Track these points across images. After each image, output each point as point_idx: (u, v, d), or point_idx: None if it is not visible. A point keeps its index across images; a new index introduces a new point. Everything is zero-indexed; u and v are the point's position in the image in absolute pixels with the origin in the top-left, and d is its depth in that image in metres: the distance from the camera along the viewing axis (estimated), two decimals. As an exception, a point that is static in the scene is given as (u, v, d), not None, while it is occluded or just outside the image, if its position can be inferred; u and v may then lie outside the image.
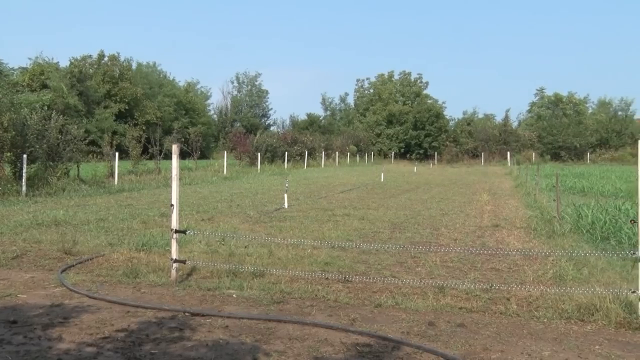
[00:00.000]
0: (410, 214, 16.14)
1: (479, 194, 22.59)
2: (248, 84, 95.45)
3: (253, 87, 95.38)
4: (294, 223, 13.97)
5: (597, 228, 12.43)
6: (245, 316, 6.44)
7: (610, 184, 25.37)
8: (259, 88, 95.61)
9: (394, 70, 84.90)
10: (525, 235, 12.45)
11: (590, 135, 70.53)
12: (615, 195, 21.13)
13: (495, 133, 73.00)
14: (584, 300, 6.69)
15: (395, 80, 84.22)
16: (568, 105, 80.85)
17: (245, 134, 53.32)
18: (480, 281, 8.09)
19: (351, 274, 8.39)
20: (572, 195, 21.44)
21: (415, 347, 5.46)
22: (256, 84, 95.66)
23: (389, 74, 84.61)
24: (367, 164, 63.44)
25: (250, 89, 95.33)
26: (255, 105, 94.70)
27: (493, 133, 72.94)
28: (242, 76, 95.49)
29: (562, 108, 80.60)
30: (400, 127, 75.11)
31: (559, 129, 70.98)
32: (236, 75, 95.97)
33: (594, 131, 71.46)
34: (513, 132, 74.29)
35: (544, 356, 5.32)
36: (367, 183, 30.30)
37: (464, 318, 6.48)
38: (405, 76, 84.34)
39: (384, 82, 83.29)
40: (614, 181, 27.36)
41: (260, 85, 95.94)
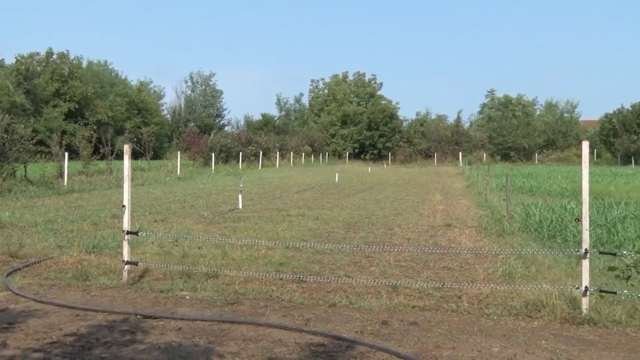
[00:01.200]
0: (365, 214, 16.26)
1: (431, 194, 22.93)
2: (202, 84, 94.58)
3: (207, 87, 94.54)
4: (248, 223, 13.91)
5: (544, 227, 12.78)
6: (198, 318, 6.38)
7: (556, 184, 26.12)
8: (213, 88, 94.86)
9: (348, 71, 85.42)
10: (476, 234, 12.69)
11: (538, 137, 72.35)
12: (562, 194, 21.77)
13: (448, 134, 74.16)
14: (531, 297, 6.88)
15: (349, 81, 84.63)
16: (517, 107, 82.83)
17: (199, 134, 52.83)
18: (432, 280, 8.21)
19: (305, 274, 8.40)
20: (521, 195, 21.97)
21: (369, 346, 5.51)
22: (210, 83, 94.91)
23: (344, 74, 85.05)
24: (321, 164, 63.60)
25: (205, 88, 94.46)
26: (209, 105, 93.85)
27: (445, 134, 74.08)
28: (196, 76, 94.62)
29: (511, 110, 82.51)
30: (354, 128, 75.53)
31: (509, 130, 72.61)
32: (190, 75, 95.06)
33: (541, 132, 73.34)
34: (465, 132, 75.61)
35: (493, 352, 5.44)
36: (322, 183, 30.39)
37: (416, 316, 6.57)
38: (360, 77, 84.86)
39: (339, 83, 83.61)
40: (560, 181, 28.17)
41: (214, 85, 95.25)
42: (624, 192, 21.85)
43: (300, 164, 60.13)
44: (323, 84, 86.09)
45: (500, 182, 23.84)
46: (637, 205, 16.33)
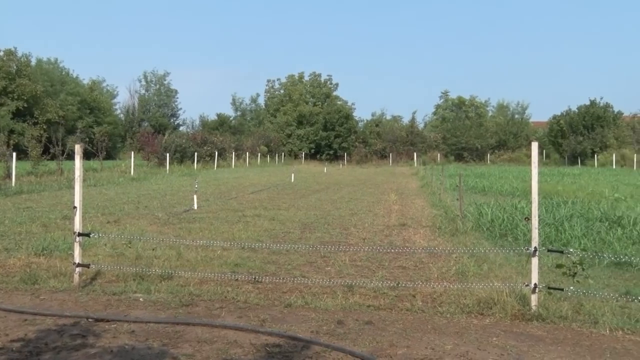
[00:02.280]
0: (321, 214, 16.31)
1: (387, 194, 23.15)
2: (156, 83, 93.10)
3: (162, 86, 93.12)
4: (203, 224, 13.79)
5: (496, 226, 13.07)
6: (152, 320, 6.29)
7: (508, 184, 26.71)
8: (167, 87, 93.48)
9: (304, 72, 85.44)
10: (430, 233, 12.88)
11: (490, 137, 73.76)
12: (513, 194, 22.27)
13: (403, 134, 74.92)
14: (483, 295, 7.02)
15: (305, 82, 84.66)
16: (470, 108, 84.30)
17: (153, 134, 52.05)
18: (387, 279, 8.30)
19: (261, 275, 8.39)
20: (474, 195, 22.39)
21: (325, 346, 5.54)
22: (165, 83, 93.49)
23: (300, 75, 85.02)
24: (277, 164, 63.46)
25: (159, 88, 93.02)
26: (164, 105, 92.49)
27: (400, 134, 74.83)
28: (150, 75, 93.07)
29: (464, 111, 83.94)
30: (310, 128, 75.60)
31: (462, 130, 73.81)
32: (144, 74, 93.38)
33: (493, 133, 74.78)
34: (419, 133, 76.53)
35: (446, 350, 5.54)
36: (278, 184, 30.34)
37: (371, 315, 6.63)
38: (316, 77, 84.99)
39: (295, 83, 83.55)
40: (511, 181, 28.81)
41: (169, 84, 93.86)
42: (571, 191, 22.49)
43: (256, 164, 59.87)
44: (279, 84, 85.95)
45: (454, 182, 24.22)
46: (583, 204, 16.84)
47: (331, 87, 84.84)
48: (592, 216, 14.09)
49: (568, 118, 67.21)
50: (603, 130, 63.83)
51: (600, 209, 15.59)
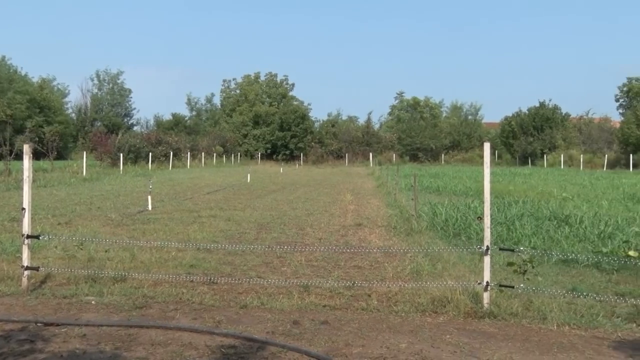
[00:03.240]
0: (277, 215, 16.28)
1: (343, 194, 23.25)
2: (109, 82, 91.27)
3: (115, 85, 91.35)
4: (158, 225, 13.60)
5: (449, 225, 13.28)
6: (104, 323, 6.18)
7: (461, 184, 27.18)
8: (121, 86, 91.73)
9: (260, 72, 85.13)
10: (386, 233, 13.00)
11: (444, 138, 74.92)
12: (466, 194, 22.67)
13: (359, 135, 75.39)
14: (437, 293, 7.13)
15: (261, 82, 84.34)
16: (425, 109, 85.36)
17: (106, 134, 51.13)
18: (343, 279, 8.35)
19: (217, 276, 8.33)
20: (429, 195, 22.69)
21: (280, 346, 5.54)
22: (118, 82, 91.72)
23: (255, 75, 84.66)
24: (233, 164, 63.04)
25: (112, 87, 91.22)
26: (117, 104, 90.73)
27: (356, 135, 75.28)
28: (103, 74, 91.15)
29: (419, 111, 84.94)
30: (266, 128, 75.39)
31: (417, 131, 74.71)
32: (96, 73, 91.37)
33: (447, 134, 75.99)
34: (375, 133, 77.13)
35: (401, 348, 5.61)
36: (234, 184, 30.14)
37: (327, 315, 6.66)
38: (272, 77, 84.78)
39: (250, 83, 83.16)
40: (464, 181, 29.33)
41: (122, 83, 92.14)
42: (521, 191, 23.05)
43: (212, 164, 59.37)
44: (235, 84, 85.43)
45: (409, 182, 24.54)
46: (533, 204, 17.27)
47: (287, 87, 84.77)
48: (541, 215, 14.46)
49: (519, 119, 68.79)
50: (552, 131, 65.58)
51: (549, 208, 16.01)
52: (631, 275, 8.64)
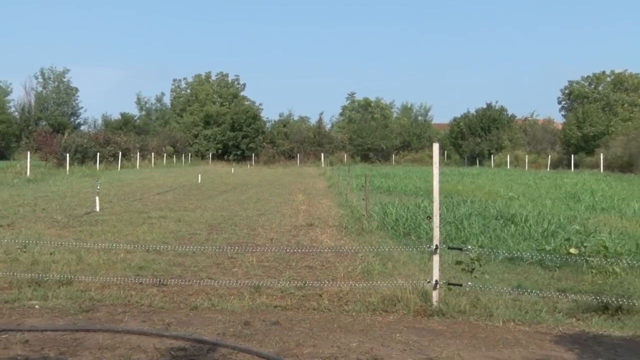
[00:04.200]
0: (228, 215, 16.17)
1: (294, 194, 23.27)
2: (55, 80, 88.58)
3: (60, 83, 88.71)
4: (106, 227, 13.32)
5: (400, 225, 13.45)
6: (49, 328, 6.02)
7: (412, 184, 27.55)
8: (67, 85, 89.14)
9: (211, 71, 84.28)
10: (337, 233, 13.07)
11: (395, 138, 75.72)
12: (416, 193, 23.00)
13: (310, 135, 75.53)
14: (387, 293, 7.22)
15: (212, 81, 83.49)
16: (376, 110, 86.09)
17: (52, 134, 49.73)
18: (294, 279, 8.36)
19: (167, 277, 8.23)
20: (380, 195, 22.91)
21: (231, 348, 5.51)
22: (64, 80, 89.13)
23: (206, 74, 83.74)
24: (184, 165, 62.26)
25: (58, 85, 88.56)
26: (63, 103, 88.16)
27: (308, 135, 75.41)
28: (48, 72, 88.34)
29: (370, 112, 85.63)
30: (217, 128, 74.74)
31: (368, 131, 75.27)
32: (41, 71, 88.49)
33: (398, 134, 76.82)
34: (326, 134, 77.39)
35: (351, 347, 5.66)
36: (184, 184, 29.78)
37: (278, 316, 6.66)
38: (223, 77, 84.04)
39: (201, 83, 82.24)
40: (415, 181, 29.73)
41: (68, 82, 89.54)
42: (470, 190, 23.52)
43: (162, 164, 58.47)
44: (185, 83, 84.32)
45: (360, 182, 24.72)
46: (481, 203, 17.66)
47: (238, 87, 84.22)
48: (488, 214, 14.80)
49: (467, 120, 70.14)
50: (498, 132, 67.13)
51: (496, 207, 16.40)
52: (572, 271, 8.94)
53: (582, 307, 6.98)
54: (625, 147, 44.50)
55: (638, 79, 68.68)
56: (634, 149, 42.17)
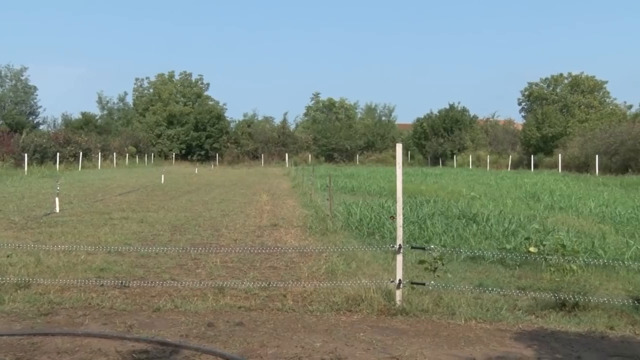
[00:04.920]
0: (191, 216, 16.04)
1: (258, 195, 23.20)
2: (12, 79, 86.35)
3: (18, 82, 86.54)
4: (66, 228, 13.08)
5: (364, 224, 13.52)
6: (5, 332, 5.88)
7: (375, 184, 27.71)
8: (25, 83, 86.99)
9: (174, 71, 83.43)
10: (301, 233, 13.08)
11: (359, 139, 76.13)
12: (380, 193, 23.15)
13: (275, 135, 75.45)
14: (351, 292, 7.25)
15: (175, 81, 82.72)
16: (340, 110, 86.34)
17: (9, 133, 48.53)
18: (259, 280, 8.34)
19: (128, 279, 8.12)
20: (344, 195, 23.01)
21: (194, 349, 5.47)
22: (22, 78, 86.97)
23: (169, 74, 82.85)
24: (147, 165, 61.51)
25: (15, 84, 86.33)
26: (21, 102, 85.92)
27: (272, 135, 75.30)
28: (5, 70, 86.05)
29: (335, 112, 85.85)
30: (181, 128, 74.04)
31: (332, 132, 75.55)
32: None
33: (362, 135, 77.26)
34: (291, 134, 77.40)
35: (315, 347, 5.67)
36: (147, 185, 29.41)
37: (242, 317, 6.64)
38: (186, 77, 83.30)
39: (164, 82, 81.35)
40: (379, 181, 29.91)
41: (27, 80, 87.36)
42: (433, 190, 23.77)
43: (124, 165, 57.67)
44: (148, 83, 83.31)
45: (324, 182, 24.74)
46: (444, 203, 17.87)
47: (202, 87, 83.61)
48: (451, 214, 14.99)
49: (430, 121, 70.96)
50: (461, 132, 68.12)
51: (458, 207, 16.62)
52: (531, 270, 9.11)
53: (540, 304, 7.14)
54: (581, 147, 45.57)
55: (594, 81, 70.42)
56: (590, 150, 43.21)
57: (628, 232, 12.30)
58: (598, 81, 70.77)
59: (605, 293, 7.43)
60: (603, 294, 7.28)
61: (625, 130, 42.15)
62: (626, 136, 40.80)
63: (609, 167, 40.07)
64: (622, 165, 39.33)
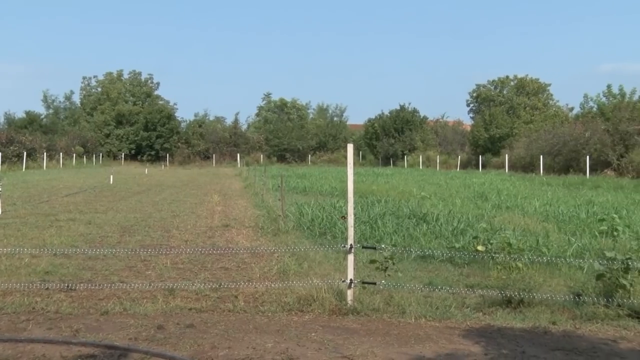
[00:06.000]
0: (141, 217, 15.77)
1: (210, 195, 22.98)
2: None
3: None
4: (9, 230, 12.67)
5: (316, 225, 13.55)
6: (-55, 339, 5.66)
7: (327, 184, 27.81)
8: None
9: (123, 69, 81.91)
10: (253, 233, 13.03)
11: (311, 139, 76.33)
12: (332, 194, 23.24)
13: (226, 135, 74.93)
14: (303, 292, 7.27)
15: (124, 80, 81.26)
16: (292, 110, 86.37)
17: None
18: (210, 281, 8.27)
19: (75, 282, 7.93)
20: (296, 195, 23.01)
21: (144, 353, 5.39)
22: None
23: (118, 72, 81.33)
24: (95, 165, 60.20)
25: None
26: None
27: (224, 135, 74.77)
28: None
29: (287, 112, 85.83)
30: (130, 128, 72.75)
31: (284, 132, 75.53)
32: None
33: (314, 135, 77.49)
34: (242, 134, 77.03)
35: (267, 348, 5.66)
36: (95, 186, 28.76)
37: (193, 318, 6.57)
38: (135, 76, 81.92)
39: (113, 81, 79.78)
40: (330, 181, 30.03)
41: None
42: (384, 190, 24.00)
43: (72, 165, 56.30)
44: (96, 81, 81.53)
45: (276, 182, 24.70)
46: (395, 203, 18.08)
47: (152, 86, 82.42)
48: (402, 214, 15.17)
49: (381, 121, 71.66)
50: (411, 133, 69.02)
51: (409, 206, 16.83)
52: (479, 268, 9.31)
53: (488, 301, 7.30)
54: (527, 148, 46.80)
55: (538, 83, 72.48)
56: (534, 150, 44.43)
57: (570, 230, 12.71)
58: (542, 83, 72.93)
59: (548, 289, 7.66)
60: (546, 290, 7.51)
61: (568, 132, 43.50)
62: (568, 137, 42.11)
63: (552, 167, 41.29)
64: (565, 165, 40.59)
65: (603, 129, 40.32)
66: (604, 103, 50.63)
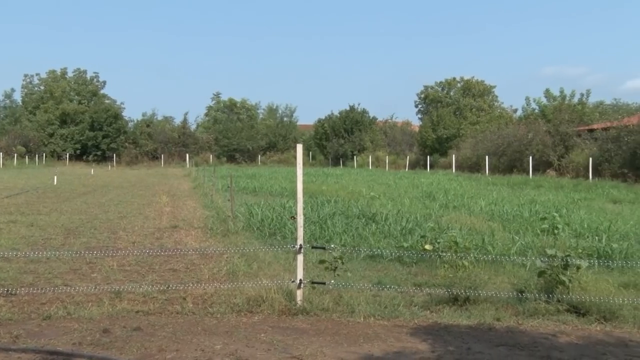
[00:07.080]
0: (87, 218, 15.41)
1: (158, 196, 22.61)
2: None
3: None
4: (-56, 234, 12.19)
5: (265, 225, 13.51)
6: None
7: (277, 184, 27.76)
8: None
9: (67, 67, 79.77)
10: (202, 234, 12.90)
11: (261, 139, 75.98)
12: (282, 194, 23.21)
13: (175, 135, 73.92)
14: (252, 293, 7.24)
15: (69, 78, 79.18)
16: (242, 110, 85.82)
17: None
18: (157, 283, 8.16)
19: (16, 286, 7.68)
20: (245, 195, 22.90)
21: (88, 357, 5.27)
22: None
23: (62, 70, 79.15)
24: (38, 166, 58.43)
25: None
26: None
27: (172, 135, 73.74)
28: None
29: (236, 112, 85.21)
30: (75, 128, 70.96)
31: (234, 132, 74.96)
32: None
33: (264, 135, 77.18)
34: (191, 134, 76.16)
35: (216, 350, 5.62)
36: (38, 187, 27.93)
37: (140, 321, 6.47)
38: (81, 74, 79.92)
39: (57, 79, 77.62)
40: (280, 181, 30.00)
41: None
42: (333, 190, 24.12)
43: (13, 165, 54.58)
44: (38, 79, 79.15)
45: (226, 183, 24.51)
46: (344, 203, 18.20)
47: (98, 85, 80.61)
48: (351, 214, 15.28)
49: (331, 122, 71.96)
50: (361, 133, 69.57)
51: (358, 206, 16.97)
52: (427, 267, 9.47)
53: (435, 299, 7.43)
54: (473, 149, 47.78)
55: (483, 85, 74.23)
56: (480, 151, 45.42)
57: (514, 229, 13.06)
58: (487, 85, 74.75)
59: (493, 287, 7.84)
60: (491, 288, 7.69)
61: (512, 133, 44.59)
62: (512, 138, 43.20)
63: (497, 167, 42.29)
64: (509, 165, 41.63)
65: (544, 130, 41.52)
66: (546, 105, 52.21)
